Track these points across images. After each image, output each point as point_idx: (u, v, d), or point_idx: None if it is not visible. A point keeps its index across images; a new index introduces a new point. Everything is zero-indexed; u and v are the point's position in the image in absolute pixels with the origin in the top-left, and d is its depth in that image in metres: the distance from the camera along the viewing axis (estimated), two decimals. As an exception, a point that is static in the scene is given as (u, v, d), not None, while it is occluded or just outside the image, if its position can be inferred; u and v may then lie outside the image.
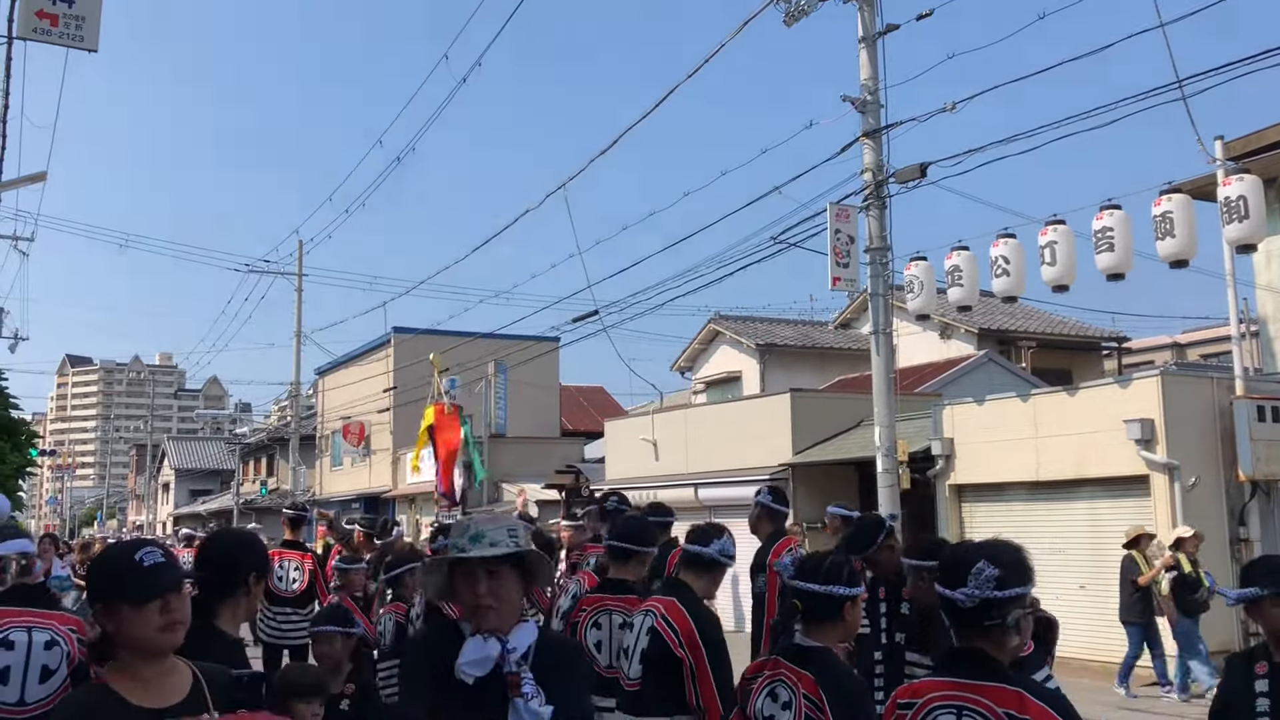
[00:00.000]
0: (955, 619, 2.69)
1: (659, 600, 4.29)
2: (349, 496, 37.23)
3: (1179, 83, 10.44)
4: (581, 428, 35.13)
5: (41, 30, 7.31)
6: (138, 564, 2.39)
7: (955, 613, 2.67)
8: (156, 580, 2.36)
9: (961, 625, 2.67)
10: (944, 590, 2.68)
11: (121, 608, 2.35)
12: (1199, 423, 12.91)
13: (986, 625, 2.61)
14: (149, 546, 2.47)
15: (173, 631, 2.37)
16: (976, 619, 2.62)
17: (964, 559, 2.69)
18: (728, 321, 29.55)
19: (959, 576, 2.64)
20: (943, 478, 15.21)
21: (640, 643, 4.21)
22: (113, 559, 2.51)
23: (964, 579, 2.62)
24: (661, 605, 4.22)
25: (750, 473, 18.01)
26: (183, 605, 2.40)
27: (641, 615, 4.30)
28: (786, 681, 3.20)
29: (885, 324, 13.82)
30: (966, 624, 2.65)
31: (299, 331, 33.52)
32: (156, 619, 2.34)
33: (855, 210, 14.12)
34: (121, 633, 2.36)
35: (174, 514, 60.01)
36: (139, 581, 2.36)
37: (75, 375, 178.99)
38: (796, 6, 13.95)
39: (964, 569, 2.64)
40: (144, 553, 2.42)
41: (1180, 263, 11.43)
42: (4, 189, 16.79)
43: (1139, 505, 12.83)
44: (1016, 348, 25.59)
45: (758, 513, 6.61)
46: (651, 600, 4.36)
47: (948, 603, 2.67)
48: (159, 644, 2.37)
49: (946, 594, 2.66)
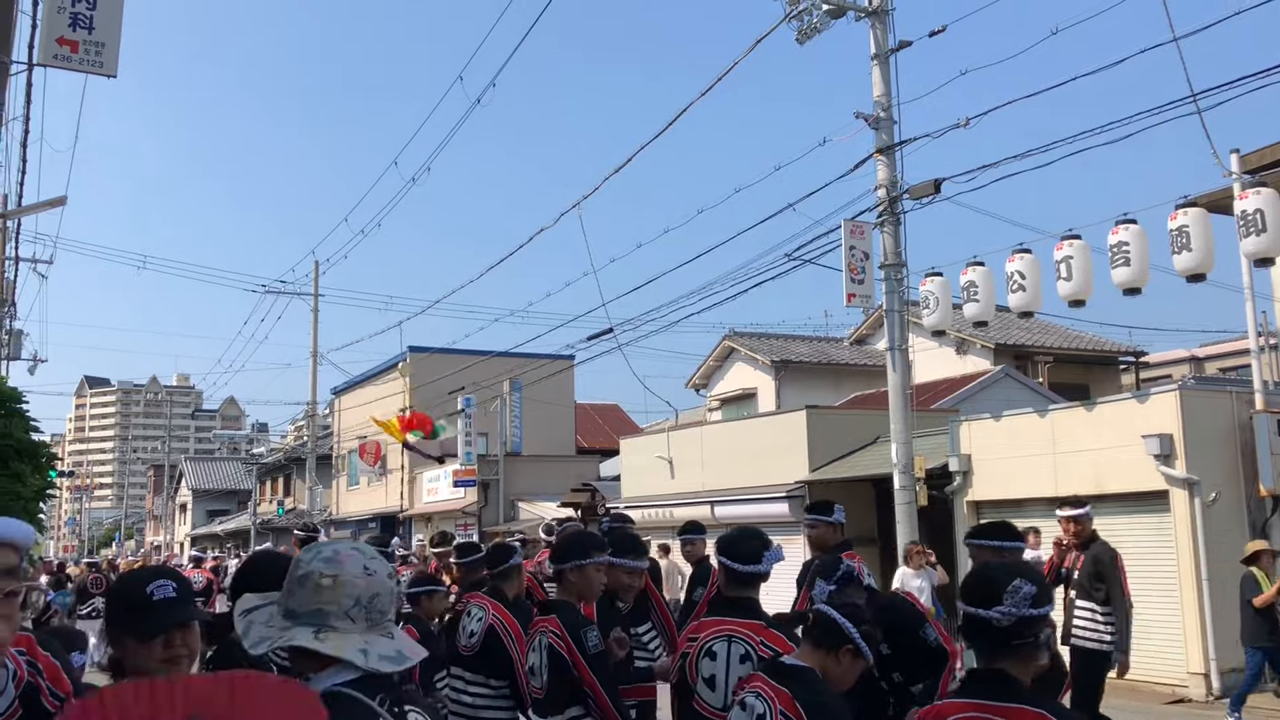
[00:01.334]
0: (983, 639, 2.64)
1: (745, 625, 3.98)
2: (365, 516, 37.27)
3: (1194, 96, 10.44)
4: (597, 446, 35.11)
5: (62, 57, 7.39)
6: (147, 598, 2.42)
7: (984, 632, 2.63)
8: (162, 617, 2.40)
9: (991, 645, 2.63)
10: (976, 610, 2.62)
11: (127, 639, 2.41)
12: (1219, 437, 12.82)
13: (1016, 645, 2.58)
14: (162, 579, 2.48)
15: (175, 664, 2.38)
16: (1008, 638, 2.58)
17: (995, 577, 2.66)
18: (743, 338, 29.53)
19: (992, 595, 2.60)
20: (960, 494, 15.14)
21: (736, 671, 3.90)
22: (125, 590, 2.54)
23: (999, 597, 2.58)
24: (760, 635, 3.94)
25: (766, 490, 17.98)
26: (188, 639, 2.42)
27: (727, 641, 3.98)
28: (763, 695, 3.13)
29: (901, 340, 13.80)
30: (997, 643, 2.61)
31: (315, 351, 33.66)
32: (159, 652, 2.38)
33: (870, 226, 14.13)
34: (127, 661, 2.42)
35: (191, 534, 60.17)
36: (145, 617, 2.40)
37: (93, 396, 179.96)
38: (809, 25, 14.01)
39: (997, 587, 2.60)
40: (155, 586, 2.45)
41: (1197, 276, 11.39)
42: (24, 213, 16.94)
43: (1159, 521, 12.75)
44: (1033, 363, 25.48)
45: (826, 529, 6.78)
46: (728, 624, 4.02)
47: (978, 622, 2.62)
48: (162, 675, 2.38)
49: (981, 613, 2.61)
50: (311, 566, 1.97)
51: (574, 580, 4.73)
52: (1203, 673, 11.97)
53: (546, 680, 4.58)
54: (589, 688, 4.52)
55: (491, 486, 29.70)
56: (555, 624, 4.60)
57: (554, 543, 5.22)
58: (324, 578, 1.95)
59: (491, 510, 29.43)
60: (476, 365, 29.48)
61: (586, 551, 4.76)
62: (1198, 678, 12.05)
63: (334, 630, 1.92)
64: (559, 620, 4.61)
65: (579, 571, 4.72)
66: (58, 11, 7.39)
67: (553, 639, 4.57)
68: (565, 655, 4.51)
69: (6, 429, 6.81)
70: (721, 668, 3.90)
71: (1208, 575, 12.08)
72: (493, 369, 29.64)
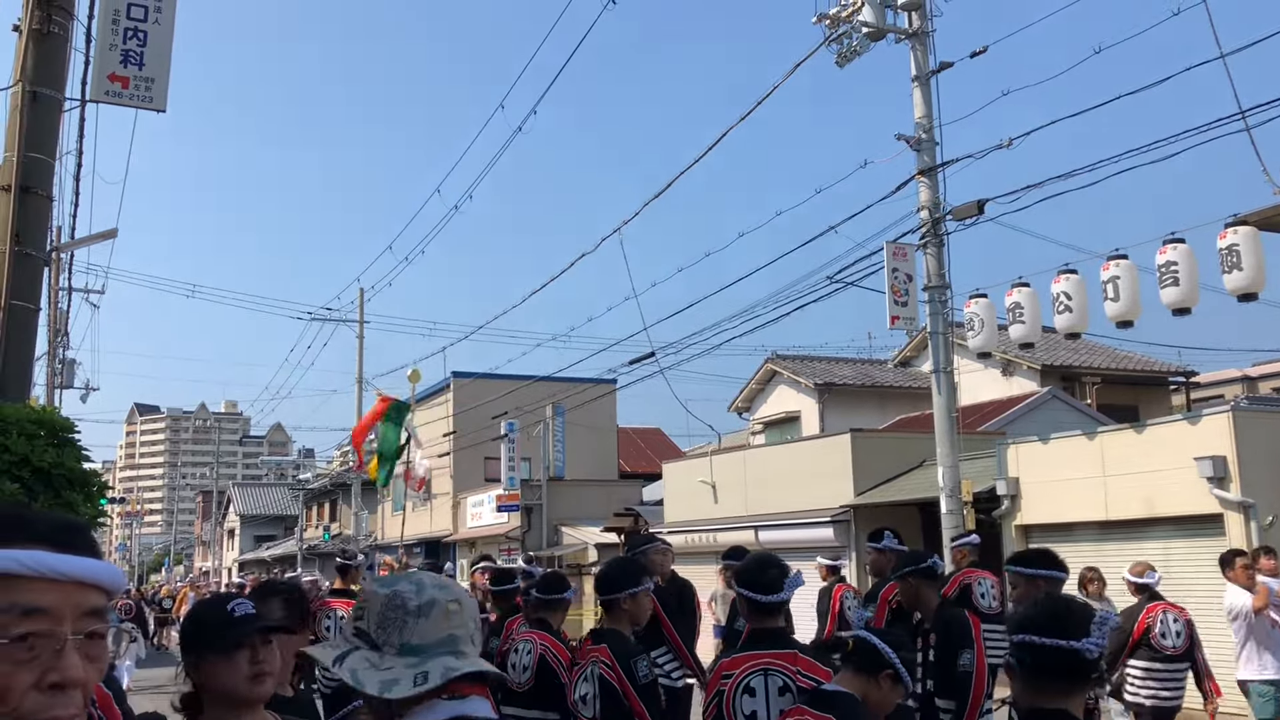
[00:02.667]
0: (1056, 672, 2.48)
1: (780, 656, 3.90)
2: (410, 541, 37.44)
3: (1242, 113, 10.30)
4: (639, 470, 35.08)
5: (113, 93, 7.54)
6: (229, 614, 2.40)
7: (1062, 666, 2.47)
8: (245, 629, 2.36)
9: (1068, 679, 2.49)
10: (1059, 641, 2.46)
11: (209, 657, 2.35)
12: (1274, 458, 12.55)
13: (1094, 676, 2.48)
14: (241, 599, 2.49)
15: (261, 682, 2.35)
16: (1088, 671, 2.46)
17: (1074, 609, 2.58)
18: (785, 361, 29.41)
19: (1079, 626, 2.47)
20: (1009, 518, 14.94)
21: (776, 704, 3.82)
22: (204, 610, 2.54)
23: (1086, 629, 2.46)
24: (796, 664, 3.87)
25: (811, 515, 17.84)
26: (271, 657, 2.38)
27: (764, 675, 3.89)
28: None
29: (946, 362, 13.68)
30: (1078, 677, 2.48)
31: (360, 378, 33.94)
32: (245, 668, 2.33)
33: (913, 248, 14.04)
34: (210, 684, 2.35)
35: (239, 559, 60.76)
36: (227, 630, 2.35)
37: (143, 424, 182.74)
38: (849, 48, 14.00)
39: (1082, 619, 2.49)
40: (236, 604, 2.44)
41: (1249, 296, 11.19)
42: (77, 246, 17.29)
43: (1213, 545, 12.46)
44: (1081, 384, 25.14)
45: (888, 558, 7.04)
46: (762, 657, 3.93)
47: (1061, 654, 2.46)
48: (247, 694, 2.34)
49: (1068, 645, 2.45)
50: (431, 594, 1.86)
51: (627, 608, 4.75)
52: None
53: (598, 711, 4.56)
54: (639, 716, 4.51)
55: (535, 511, 29.74)
56: (606, 654, 4.60)
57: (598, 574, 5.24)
58: (451, 603, 1.85)
59: (535, 535, 29.46)
60: (519, 390, 29.59)
61: (637, 580, 4.78)
62: (1257, 706, 11.77)
63: (466, 656, 1.83)
64: (609, 650, 4.61)
65: (633, 600, 4.74)
66: (109, 49, 7.55)
67: (603, 669, 4.56)
68: (615, 685, 4.51)
69: (59, 459, 6.91)
70: (762, 703, 3.82)
71: (1265, 600, 11.80)
72: (535, 394, 29.74)
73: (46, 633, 1.23)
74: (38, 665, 1.22)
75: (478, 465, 33.88)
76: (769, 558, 4.16)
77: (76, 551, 1.28)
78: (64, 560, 1.25)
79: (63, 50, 7.39)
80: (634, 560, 5.65)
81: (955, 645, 5.20)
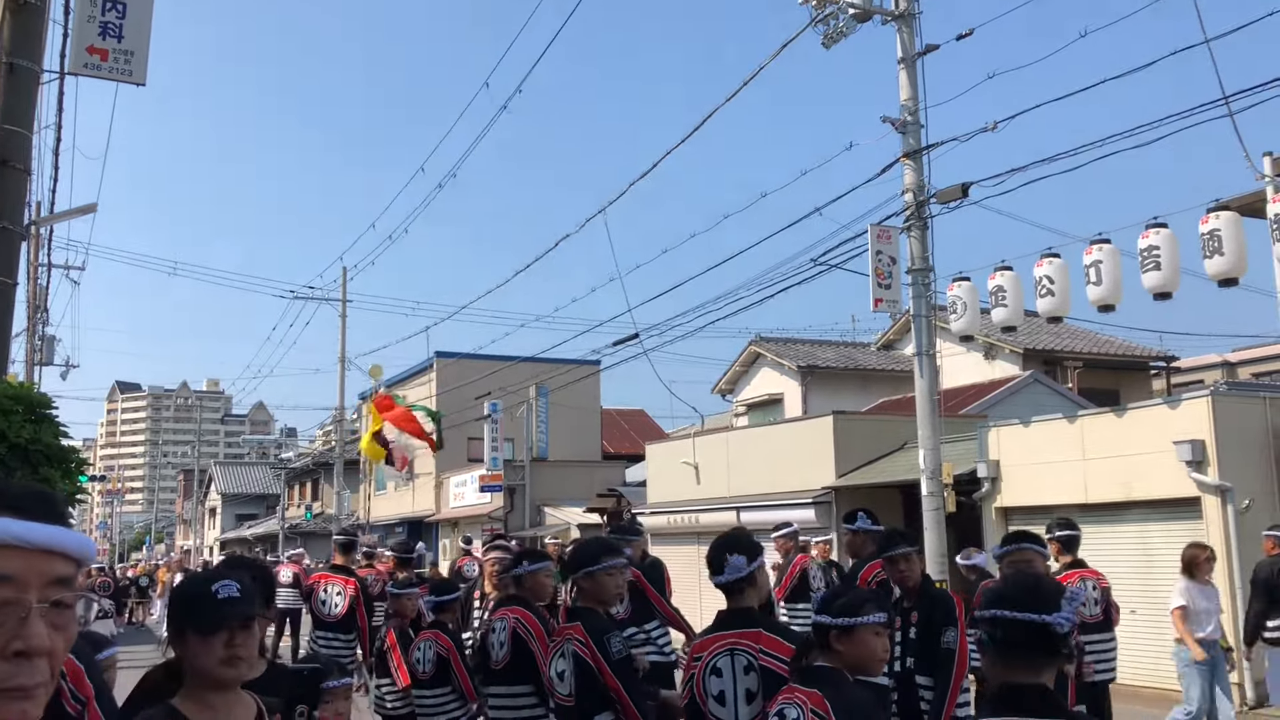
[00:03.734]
0: (1028, 647, 2.49)
1: (744, 635, 3.96)
2: (392, 520, 37.44)
3: (1225, 99, 10.32)
4: (623, 451, 35.13)
5: (92, 65, 7.45)
6: (212, 595, 2.44)
7: (1033, 640, 2.48)
8: (224, 614, 2.41)
9: (1038, 654, 2.50)
10: (1031, 615, 2.46)
11: (189, 634, 2.41)
12: (1252, 443, 12.66)
13: (1064, 652, 2.49)
14: (228, 580, 2.50)
15: (233, 666, 2.39)
16: (1058, 645, 2.48)
17: (1047, 583, 2.61)
18: (769, 343, 29.45)
19: (1050, 600, 2.48)
20: (989, 500, 15.02)
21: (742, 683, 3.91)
22: (191, 587, 2.58)
23: (1057, 604, 2.47)
24: (759, 643, 3.94)
25: (793, 496, 17.90)
26: (247, 641, 2.42)
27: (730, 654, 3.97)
28: (796, 702, 3.25)
29: (928, 345, 13.70)
30: (1047, 652, 2.49)
31: (343, 357, 33.81)
32: (220, 651, 2.38)
33: (896, 231, 14.04)
34: (188, 660, 2.43)
35: (220, 538, 60.63)
36: (208, 612, 2.41)
37: (124, 401, 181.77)
38: (835, 29, 13.95)
39: (1053, 594, 2.51)
40: (221, 585, 2.47)
41: (1229, 281, 11.25)
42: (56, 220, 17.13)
43: (1190, 528, 12.58)
44: (1062, 368, 25.26)
45: (862, 538, 6.93)
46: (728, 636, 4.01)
47: (1032, 628, 2.46)
48: (220, 676, 2.40)
49: (1039, 619, 2.45)
50: None
51: (587, 587, 4.75)
52: (1236, 682, 11.79)
53: (574, 688, 4.56)
54: (615, 693, 4.51)
55: (518, 492, 29.76)
56: (580, 631, 4.60)
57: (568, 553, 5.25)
58: None
59: (517, 515, 29.49)
60: (503, 370, 29.58)
61: (596, 558, 4.78)
62: (1231, 687, 11.87)
63: None
64: (583, 627, 4.60)
65: (590, 579, 4.73)
66: (88, 20, 7.46)
67: (578, 647, 4.56)
68: (590, 662, 4.50)
69: (36, 435, 6.87)
70: (729, 683, 3.90)
71: (1240, 584, 11.91)
72: (519, 374, 29.71)
73: (11, 600, 1.21)
74: (2, 633, 1.20)
75: (461, 445, 33.84)
76: (731, 537, 4.21)
77: (44, 520, 1.27)
78: (29, 528, 1.24)
79: (40, 21, 7.29)
80: (596, 541, 5.65)
81: (940, 623, 5.27)
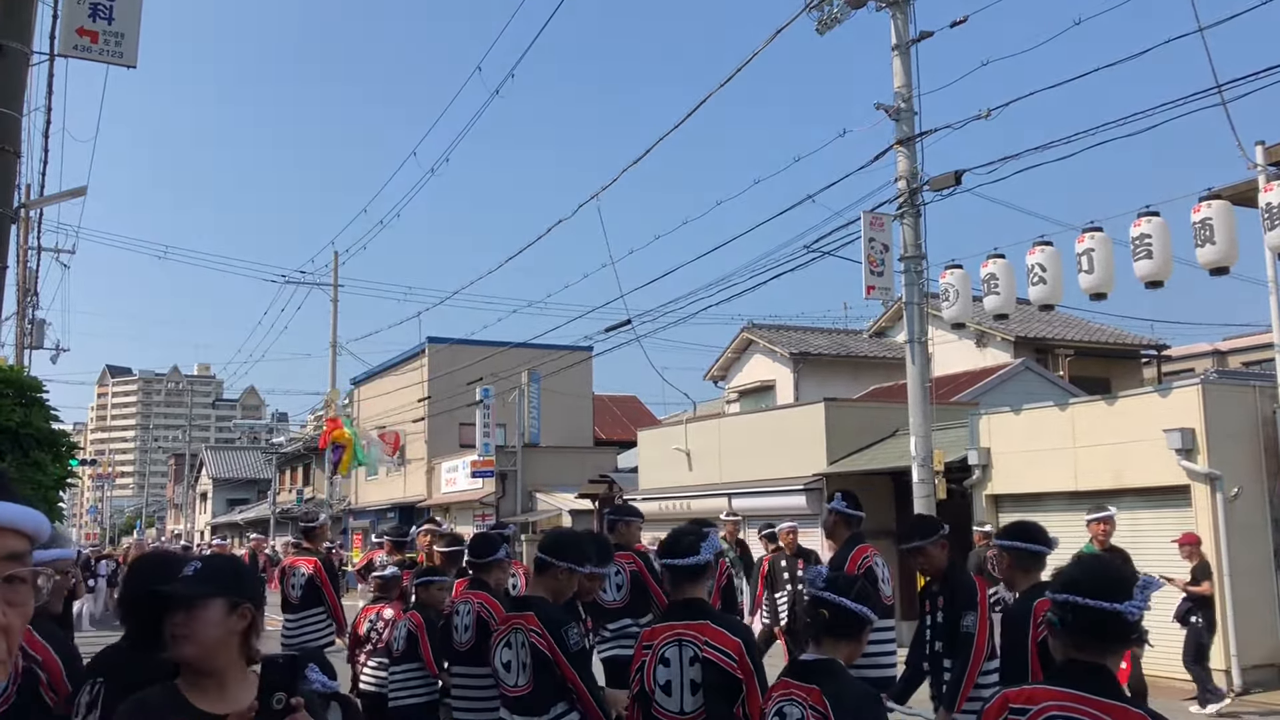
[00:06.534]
0: (1095, 633, 2.55)
1: (691, 626, 4.01)
2: (384, 506, 37.44)
3: (1219, 87, 10.32)
4: (615, 437, 35.15)
5: (82, 47, 7.40)
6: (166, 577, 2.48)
7: (1103, 627, 2.54)
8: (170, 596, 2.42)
9: (1107, 640, 2.56)
10: (1103, 604, 2.52)
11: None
12: (1241, 432, 12.71)
13: (1134, 639, 2.56)
14: (194, 561, 2.52)
15: (176, 645, 2.38)
16: (1128, 632, 2.54)
17: (1121, 571, 2.64)
18: (761, 330, 29.46)
19: (1123, 588, 2.53)
20: (979, 488, 15.07)
21: (688, 674, 3.96)
22: (146, 567, 2.58)
23: (1129, 592, 2.52)
24: (704, 634, 3.98)
25: (784, 483, 17.94)
26: (188, 623, 2.38)
27: (678, 645, 4.02)
28: (796, 699, 3.26)
29: (920, 332, 13.73)
30: (1116, 638, 2.55)
31: (334, 342, 33.79)
32: (167, 630, 2.41)
33: (889, 218, 14.05)
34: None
35: (211, 523, 60.59)
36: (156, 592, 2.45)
37: (115, 386, 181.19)
38: (829, 15, 13.93)
39: (1125, 582, 2.55)
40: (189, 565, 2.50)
41: (1221, 270, 11.28)
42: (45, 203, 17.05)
43: (1180, 516, 12.64)
44: (1054, 356, 25.32)
45: (834, 519, 6.65)
46: (677, 627, 4.06)
47: (1103, 615, 2.52)
48: (173, 653, 2.40)
49: (1115, 608, 2.51)
50: None
51: (484, 578, 4.93)
52: (1224, 669, 11.87)
53: (531, 678, 4.50)
54: (572, 684, 4.47)
55: (509, 477, 29.78)
56: (534, 621, 4.51)
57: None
58: None
59: (509, 501, 29.52)
60: (495, 356, 29.55)
61: (496, 548, 4.86)
62: (1219, 674, 11.95)
63: None
64: (537, 617, 4.52)
65: (495, 568, 4.82)
66: (77, 2, 7.41)
67: (533, 637, 4.48)
68: (546, 653, 4.44)
69: (26, 418, 6.85)
70: (676, 673, 3.98)
71: (1229, 571, 11.98)
72: (511, 360, 29.69)
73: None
74: None
75: (452, 431, 33.86)
76: (685, 527, 4.37)
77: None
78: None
79: (30, 3, 7.23)
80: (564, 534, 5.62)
81: (961, 607, 5.37)
